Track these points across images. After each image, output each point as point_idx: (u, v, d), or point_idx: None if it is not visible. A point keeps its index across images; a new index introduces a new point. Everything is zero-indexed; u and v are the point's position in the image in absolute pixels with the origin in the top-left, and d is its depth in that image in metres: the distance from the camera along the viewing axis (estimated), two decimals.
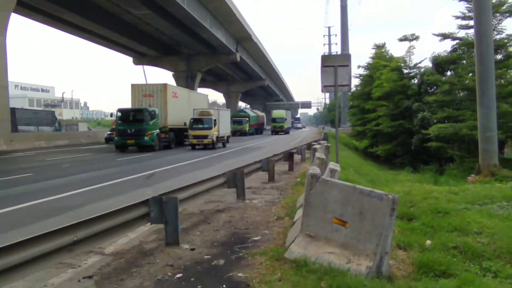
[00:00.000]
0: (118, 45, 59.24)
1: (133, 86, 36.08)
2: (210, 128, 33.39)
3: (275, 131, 75.31)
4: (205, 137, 33.19)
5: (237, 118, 66.57)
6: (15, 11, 29.91)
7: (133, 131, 30.48)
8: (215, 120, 34.88)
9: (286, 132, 77.23)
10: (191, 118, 34.81)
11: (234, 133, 59.60)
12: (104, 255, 6.32)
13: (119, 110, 32.69)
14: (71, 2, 37.31)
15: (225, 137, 39.38)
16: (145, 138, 30.15)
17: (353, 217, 5.31)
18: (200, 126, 33.73)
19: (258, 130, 75.69)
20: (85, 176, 16.51)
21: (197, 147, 33.60)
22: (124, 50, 62.93)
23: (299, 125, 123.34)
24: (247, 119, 67.81)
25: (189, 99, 42.55)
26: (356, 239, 5.29)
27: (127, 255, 6.35)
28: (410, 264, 5.65)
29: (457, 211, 8.02)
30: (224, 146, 37.38)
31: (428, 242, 6.33)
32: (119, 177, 15.92)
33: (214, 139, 33.38)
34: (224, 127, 39.85)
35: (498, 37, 21.98)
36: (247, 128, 66.13)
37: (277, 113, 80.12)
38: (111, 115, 34.00)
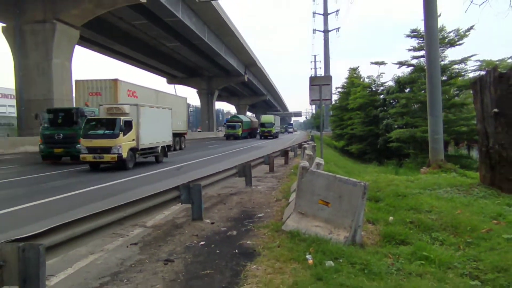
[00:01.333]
0: (155, 69, 59.42)
1: (77, 82, 23.41)
2: (115, 136, 15.29)
3: (263, 136, 61.49)
4: (107, 150, 15.13)
5: (231, 123, 58.10)
6: (78, 44, 29.96)
7: (61, 137, 18.04)
8: (129, 122, 16.07)
9: (275, 136, 63.36)
10: (86, 119, 16.90)
11: (228, 137, 54.27)
12: (146, 227, 6.38)
13: (47, 110, 19.43)
14: (120, 36, 37.43)
15: (159, 148, 18.86)
16: (78, 146, 16.30)
17: (334, 199, 5.34)
18: (100, 132, 15.77)
19: (251, 134, 64.81)
20: None
21: (101, 165, 16.15)
22: (160, 73, 63.07)
23: (290, 130, 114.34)
24: (240, 124, 57.88)
25: (157, 101, 25.31)
26: (336, 215, 5.31)
27: (163, 227, 6.40)
28: (377, 235, 5.68)
29: (412, 194, 8.03)
30: (157, 161, 18.62)
31: (391, 218, 6.35)
32: None
33: (124, 153, 15.26)
34: (155, 131, 18.76)
35: (442, 63, 22.41)
36: (240, 133, 56.61)
37: (265, 118, 66.08)
38: (36, 116, 19.90)
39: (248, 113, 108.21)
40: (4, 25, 24.85)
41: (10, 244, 3.23)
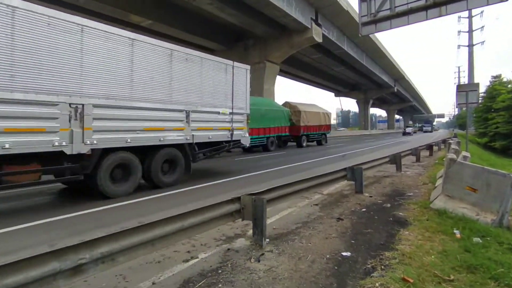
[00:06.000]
0: (325, 86, 58.74)
1: None
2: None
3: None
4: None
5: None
6: (279, 74, 32.04)
7: None
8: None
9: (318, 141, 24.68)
10: None
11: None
12: (322, 194, 6.45)
13: None
14: (303, 66, 38.42)
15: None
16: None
17: (481, 187, 4.40)
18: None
19: (317, 138, 23.48)
20: None
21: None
22: (328, 89, 62.13)
23: (428, 128, 78.34)
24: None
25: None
26: (483, 200, 4.37)
27: (334, 195, 6.39)
28: None
29: None
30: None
31: None
32: None
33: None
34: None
35: None
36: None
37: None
38: None
39: (396, 116, 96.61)
40: None
41: (248, 196, 3.79)
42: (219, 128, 8.38)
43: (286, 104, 21.59)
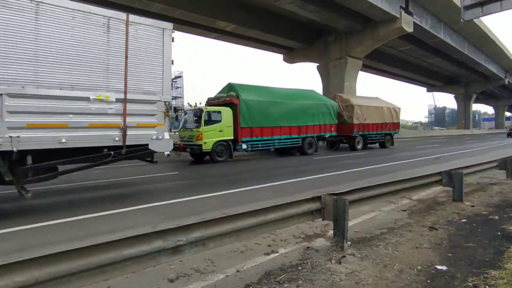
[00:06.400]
0: (414, 80, 52.03)
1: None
2: None
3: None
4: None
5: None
6: (361, 70, 30.06)
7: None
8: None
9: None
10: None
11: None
12: (411, 200, 5.80)
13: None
14: (389, 59, 34.91)
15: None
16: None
17: None
18: None
19: (378, 139, 19.18)
20: None
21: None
22: (420, 83, 55.07)
23: None
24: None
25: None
26: None
27: (426, 202, 5.66)
28: None
29: None
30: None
31: None
32: None
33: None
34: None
35: None
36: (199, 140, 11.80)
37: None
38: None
39: (507, 113, 79.71)
40: (318, 64, 28.03)
41: (329, 196, 3.66)
42: (91, 125, 5.08)
43: (336, 97, 18.22)
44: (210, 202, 5.69)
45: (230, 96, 12.80)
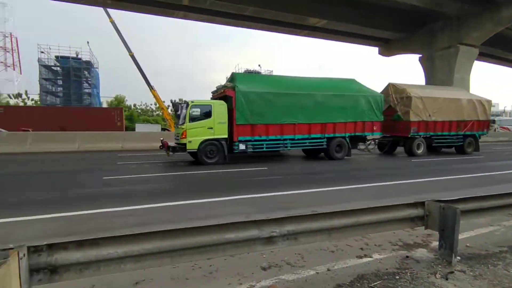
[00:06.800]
0: None
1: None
2: None
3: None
4: None
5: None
6: (476, 59, 25.35)
7: None
8: None
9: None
10: None
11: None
12: None
13: None
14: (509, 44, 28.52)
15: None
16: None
17: None
18: None
19: (454, 142, 14.46)
20: None
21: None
22: None
23: None
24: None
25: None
26: None
27: None
28: None
29: None
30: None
31: None
32: None
33: None
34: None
35: None
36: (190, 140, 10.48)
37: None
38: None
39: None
40: (421, 55, 24.93)
41: (434, 203, 3.29)
42: None
43: (389, 87, 13.83)
44: (302, 198, 5.77)
45: (225, 88, 10.87)
